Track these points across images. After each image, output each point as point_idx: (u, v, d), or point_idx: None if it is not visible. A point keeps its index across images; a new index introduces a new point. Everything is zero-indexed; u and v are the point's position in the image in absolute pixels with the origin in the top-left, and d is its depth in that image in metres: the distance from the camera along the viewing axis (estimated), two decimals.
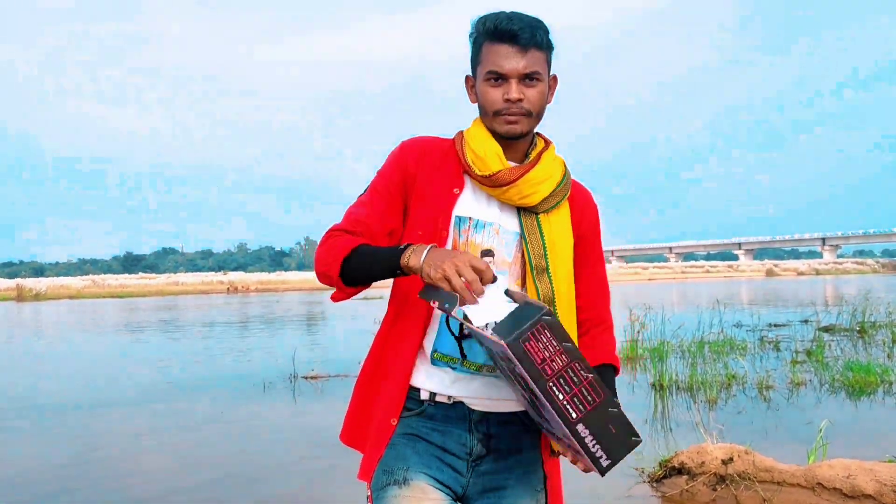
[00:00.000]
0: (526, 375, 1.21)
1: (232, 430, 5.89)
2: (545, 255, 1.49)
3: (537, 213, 1.51)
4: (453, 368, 1.47)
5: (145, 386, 8.23)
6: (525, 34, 1.43)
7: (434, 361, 1.48)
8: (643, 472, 4.21)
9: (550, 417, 1.27)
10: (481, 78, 1.49)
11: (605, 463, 1.26)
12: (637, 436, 1.27)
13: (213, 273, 71.73)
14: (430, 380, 1.48)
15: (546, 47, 1.48)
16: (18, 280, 52.18)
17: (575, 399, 1.23)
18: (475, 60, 1.51)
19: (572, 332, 1.52)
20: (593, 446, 1.25)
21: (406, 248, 1.36)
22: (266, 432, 5.79)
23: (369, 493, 1.49)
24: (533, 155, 1.53)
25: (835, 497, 3.42)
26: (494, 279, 1.32)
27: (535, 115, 1.50)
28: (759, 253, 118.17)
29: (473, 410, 1.49)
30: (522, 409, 1.50)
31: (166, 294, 48.33)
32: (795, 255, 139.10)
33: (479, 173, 1.49)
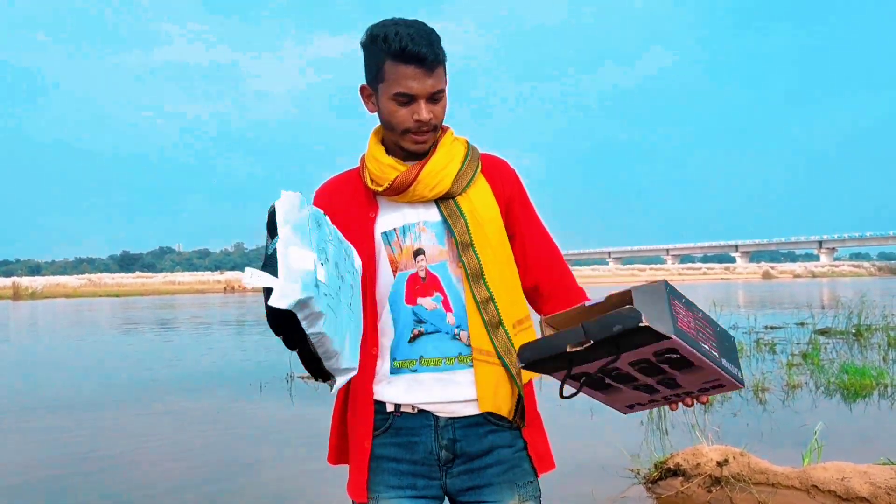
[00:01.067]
0: (694, 354, 1.18)
1: (228, 430, 5.89)
2: (468, 231, 1.53)
3: (454, 197, 1.55)
4: (413, 371, 1.52)
5: (141, 385, 8.22)
6: (430, 56, 1.46)
7: (393, 371, 1.53)
8: (638, 473, 4.22)
9: (689, 377, 1.25)
10: (387, 96, 1.51)
11: (741, 375, 1.29)
12: (731, 336, 1.33)
13: (210, 273, 71.73)
14: (393, 390, 1.53)
15: (444, 59, 1.51)
16: (14, 278, 52.06)
17: (710, 342, 1.23)
18: (376, 76, 1.52)
19: (509, 297, 1.56)
20: (734, 369, 1.27)
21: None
22: (262, 432, 5.79)
23: None
24: (430, 147, 1.57)
25: (829, 499, 3.44)
26: None
27: (439, 126, 1.55)
28: (756, 255, 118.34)
29: (439, 416, 1.52)
30: (487, 410, 1.52)
31: (163, 293, 48.27)
32: (792, 257, 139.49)
33: (379, 190, 1.54)
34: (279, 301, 1.11)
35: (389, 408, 1.53)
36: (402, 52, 1.45)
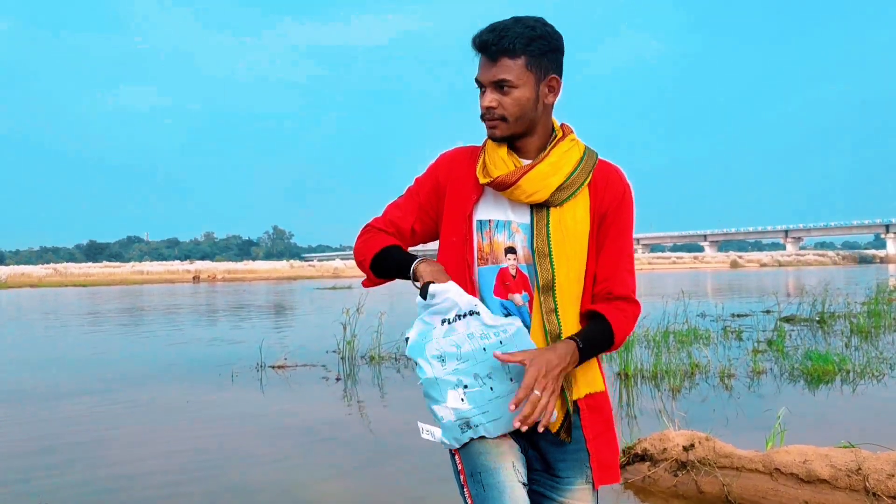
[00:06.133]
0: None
1: (198, 420, 5.84)
2: (549, 243, 1.55)
3: (549, 207, 1.56)
4: None
5: (109, 375, 8.10)
6: (493, 46, 1.49)
7: None
8: None
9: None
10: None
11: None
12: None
13: (180, 262, 70.82)
14: None
15: (523, 53, 1.50)
16: None
17: None
18: None
19: (573, 312, 1.60)
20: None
21: (417, 259, 1.58)
22: (232, 422, 5.75)
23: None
24: (545, 153, 1.58)
25: (791, 482, 3.52)
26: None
27: (515, 120, 1.54)
28: (724, 245, 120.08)
29: None
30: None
31: (131, 283, 47.59)
32: (759, 246, 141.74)
33: (482, 181, 1.58)
34: (448, 443, 1.54)
35: None
36: (474, 42, 1.53)
